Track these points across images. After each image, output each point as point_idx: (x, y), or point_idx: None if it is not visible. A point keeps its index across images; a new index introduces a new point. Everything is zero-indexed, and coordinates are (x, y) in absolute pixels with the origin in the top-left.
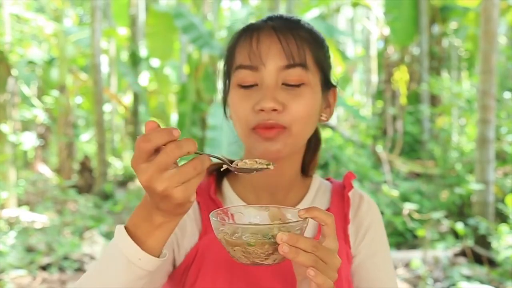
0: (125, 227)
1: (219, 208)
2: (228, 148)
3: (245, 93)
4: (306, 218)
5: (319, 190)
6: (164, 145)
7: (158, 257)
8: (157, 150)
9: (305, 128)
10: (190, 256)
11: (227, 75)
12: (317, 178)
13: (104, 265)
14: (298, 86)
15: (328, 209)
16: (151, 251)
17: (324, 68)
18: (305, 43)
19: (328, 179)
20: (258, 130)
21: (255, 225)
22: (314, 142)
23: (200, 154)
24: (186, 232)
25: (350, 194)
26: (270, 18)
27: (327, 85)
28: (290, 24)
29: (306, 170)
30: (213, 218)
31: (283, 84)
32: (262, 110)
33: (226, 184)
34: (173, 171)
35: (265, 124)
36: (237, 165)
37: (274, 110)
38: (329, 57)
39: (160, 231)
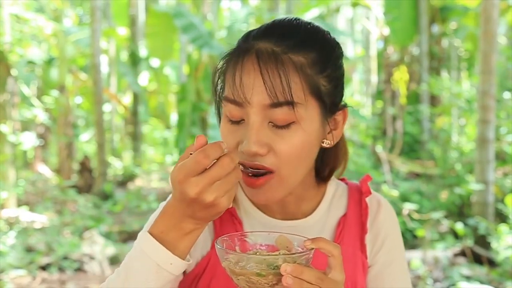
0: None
1: (231, 214)
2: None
3: (232, 128)
4: (312, 248)
5: (335, 195)
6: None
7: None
8: None
9: (298, 167)
10: (201, 264)
11: (220, 95)
12: (333, 182)
13: (132, 273)
14: (286, 126)
15: (344, 216)
16: (180, 255)
17: (323, 95)
18: (294, 72)
19: (342, 180)
20: (244, 178)
21: (260, 255)
22: (335, 150)
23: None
24: (198, 241)
25: (368, 200)
26: (265, 33)
27: (330, 110)
28: (283, 47)
29: (324, 176)
30: (218, 246)
31: (270, 122)
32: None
33: (238, 187)
34: (221, 182)
35: (250, 164)
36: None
37: (258, 154)
38: (337, 74)
39: (190, 237)
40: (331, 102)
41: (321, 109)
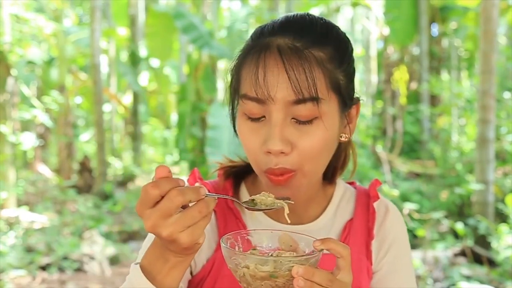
0: (140, 266)
1: (236, 217)
2: (228, 148)
3: (253, 126)
4: (322, 249)
5: (342, 199)
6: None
7: None
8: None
9: (319, 163)
10: (206, 268)
11: (235, 91)
12: (341, 185)
13: None
14: (309, 121)
15: (351, 220)
16: None
17: (341, 89)
18: (317, 68)
19: (351, 183)
20: (268, 176)
21: (272, 257)
22: (342, 149)
23: (209, 195)
24: (203, 245)
25: (375, 205)
26: (281, 29)
27: (347, 104)
28: (303, 42)
29: (329, 176)
30: (224, 246)
31: (292, 118)
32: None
33: (244, 191)
34: (178, 216)
35: (273, 171)
36: (253, 200)
37: (282, 152)
38: (352, 68)
39: (175, 270)
40: (348, 96)
41: (340, 104)
